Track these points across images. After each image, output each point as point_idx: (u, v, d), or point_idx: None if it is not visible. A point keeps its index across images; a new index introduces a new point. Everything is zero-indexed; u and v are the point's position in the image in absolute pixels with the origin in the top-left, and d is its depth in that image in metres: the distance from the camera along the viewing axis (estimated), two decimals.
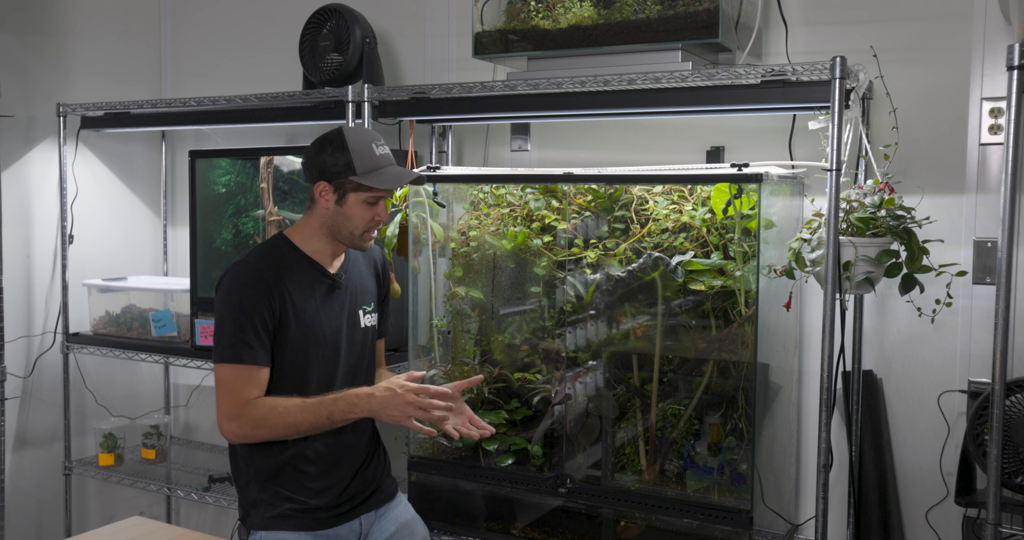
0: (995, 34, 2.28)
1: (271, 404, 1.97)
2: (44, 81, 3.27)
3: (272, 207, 2.87)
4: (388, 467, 2.25)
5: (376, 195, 2.04)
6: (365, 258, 2.23)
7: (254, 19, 3.45)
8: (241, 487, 2.10)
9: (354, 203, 2.03)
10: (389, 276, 2.30)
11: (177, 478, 3.28)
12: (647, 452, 2.38)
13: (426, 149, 2.98)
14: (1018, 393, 2.08)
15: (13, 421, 3.23)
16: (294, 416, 1.96)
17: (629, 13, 2.30)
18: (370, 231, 2.08)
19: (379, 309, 2.24)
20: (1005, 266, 1.92)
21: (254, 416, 1.96)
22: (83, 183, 3.35)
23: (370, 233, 2.08)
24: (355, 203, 2.03)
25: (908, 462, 2.44)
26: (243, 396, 1.97)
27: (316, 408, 1.96)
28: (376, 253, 2.28)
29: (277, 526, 2.05)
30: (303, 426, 1.97)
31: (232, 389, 1.98)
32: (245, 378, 1.98)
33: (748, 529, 2.19)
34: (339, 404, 1.96)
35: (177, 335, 3.12)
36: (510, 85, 2.41)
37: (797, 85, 2.11)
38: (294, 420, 1.96)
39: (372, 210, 2.04)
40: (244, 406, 1.97)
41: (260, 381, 2.00)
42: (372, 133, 2.08)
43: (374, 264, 2.25)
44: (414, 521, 2.22)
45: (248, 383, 1.98)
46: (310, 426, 1.97)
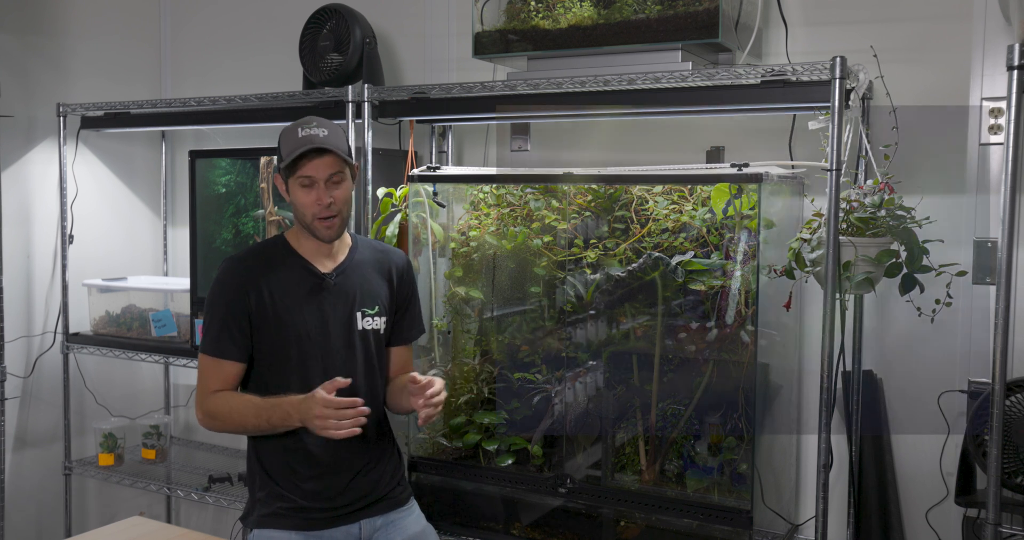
0: (995, 34, 2.28)
1: (226, 400, 2.05)
2: (44, 81, 3.27)
3: (272, 207, 2.87)
4: (400, 474, 2.23)
5: (304, 175, 2.02)
6: (378, 263, 2.20)
7: (254, 19, 3.45)
8: (249, 485, 2.15)
9: (294, 189, 2.05)
10: (411, 286, 2.26)
11: (177, 478, 3.28)
12: (647, 452, 2.38)
13: (426, 149, 2.98)
14: (1018, 393, 2.08)
15: (13, 421, 3.23)
16: (241, 415, 2.02)
17: (629, 13, 2.30)
18: (320, 217, 2.04)
19: (391, 316, 2.20)
20: (1005, 266, 1.92)
21: (210, 408, 2.05)
22: (83, 183, 3.35)
23: (321, 219, 2.04)
24: (295, 189, 2.05)
25: (908, 462, 2.43)
26: (206, 386, 2.06)
27: (258, 411, 2.00)
28: (397, 259, 2.24)
29: (269, 524, 2.07)
30: (248, 426, 2.04)
31: (202, 378, 2.08)
32: (211, 369, 2.06)
33: (748, 529, 2.19)
34: (276, 411, 1.98)
35: (177, 335, 3.12)
36: (510, 85, 2.41)
37: (797, 85, 2.11)
38: (241, 419, 2.02)
39: (312, 194, 2.03)
40: (207, 396, 2.06)
41: (224, 373, 2.06)
42: (309, 118, 2.07)
43: (390, 270, 2.21)
44: (424, 534, 2.19)
45: (212, 374, 2.06)
46: (254, 427, 2.03)
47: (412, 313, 2.26)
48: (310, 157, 2.01)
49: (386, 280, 2.20)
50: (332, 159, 2.03)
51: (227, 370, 2.06)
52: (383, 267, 2.20)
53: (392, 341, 2.22)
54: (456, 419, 2.57)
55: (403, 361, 2.25)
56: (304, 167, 2.01)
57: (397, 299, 2.22)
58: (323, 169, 2.02)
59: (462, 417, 2.57)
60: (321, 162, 2.02)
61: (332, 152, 2.02)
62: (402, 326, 2.24)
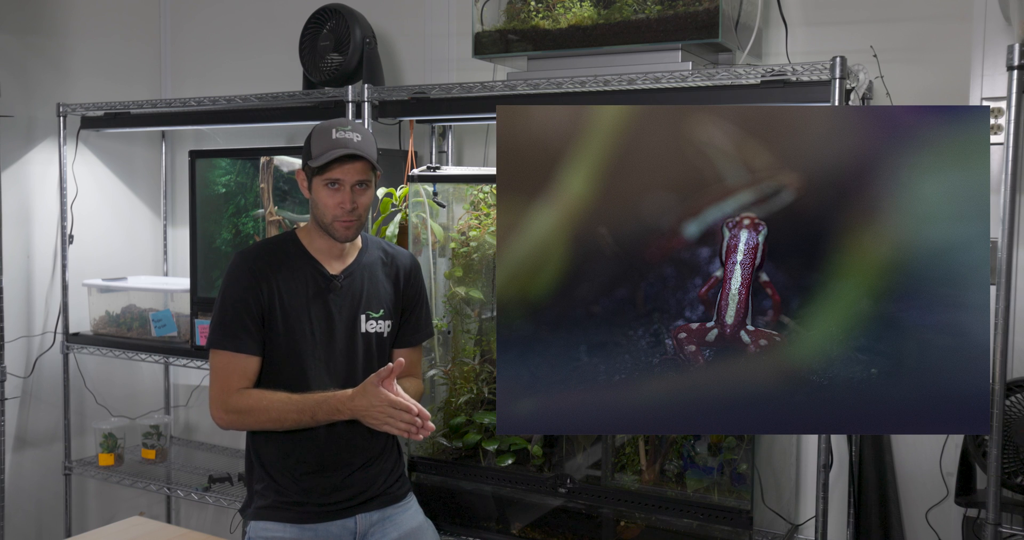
0: (995, 34, 2.28)
1: (258, 396, 2.01)
2: (44, 81, 3.27)
3: (272, 207, 2.87)
4: (400, 471, 2.23)
5: (331, 177, 2.02)
6: (387, 266, 2.19)
7: (254, 19, 3.45)
8: (248, 477, 2.15)
9: (318, 188, 2.05)
10: (418, 288, 2.26)
11: (177, 478, 3.28)
12: (647, 452, 2.38)
13: (426, 149, 2.98)
14: (1018, 393, 2.08)
15: (13, 421, 3.23)
16: (279, 411, 1.99)
17: (629, 13, 2.30)
18: (340, 219, 2.04)
19: (396, 318, 2.20)
20: (1005, 266, 1.92)
21: (239, 406, 2.01)
22: (83, 183, 3.35)
23: (341, 221, 2.04)
24: (318, 188, 2.05)
25: (908, 462, 2.44)
26: (228, 384, 2.02)
27: (301, 406, 1.99)
28: (405, 262, 2.24)
29: (265, 516, 2.08)
30: (287, 422, 2.00)
31: (219, 375, 2.04)
32: (230, 365, 2.03)
33: (748, 529, 2.19)
34: (323, 407, 1.98)
35: (177, 335, 3.12)
36: (510, 85, 2.41)
37: (797, 85, 2.11)
38: (279, 415, 1.99)
39: (336, 195, 2.03)
40: (230, 394, 2.02)
41: (245, 369, 2.03)
42: (343, 120, 2.10)
43: (397, 272, 2.21)
44: (420, 529, 2.19)
45: (233, 370, 2.03)
46: (294, 423, 2.00)
47: (418, 316, 2.25)
48: (342, 161, 2.01)
49: (392, 282, 2.19)
50: (363, 165, 2.04)
51: (247, 365, 2.03)
52: (391, 269, 2.20)
53: (396, 343, 2.22)
54: (456, 419, 2.57)
55: (409, 363, 2.22)
56: (334, 170, 2.02)
57: (403, 301, 2.21)
58: (352, 174, 2.03)
59: (462, 417, 2.57)
60: (352, 167, 2.02)
61: (364, 159, 2.03)
62: (407, 329, 2.23)
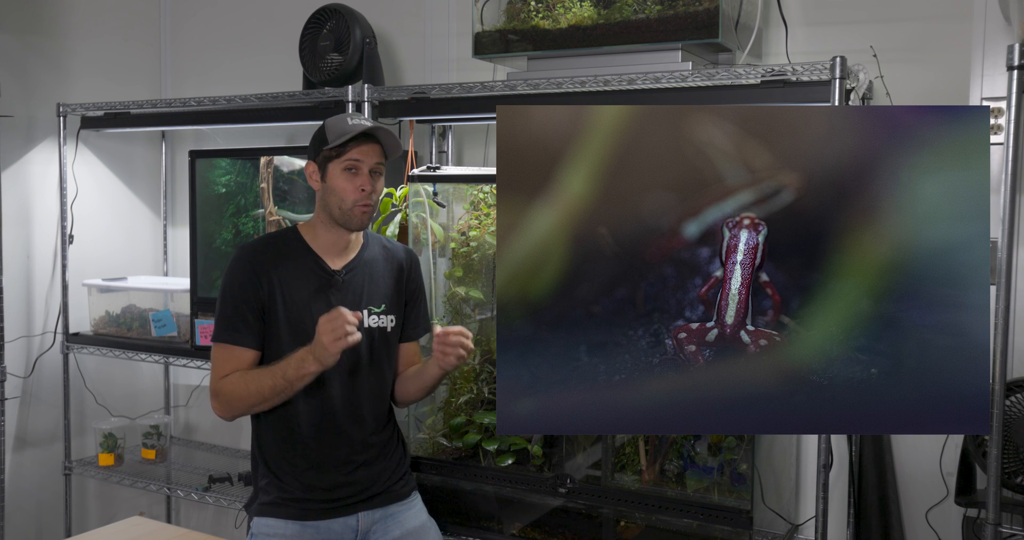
0: (995, 34, 2.28)
1: (238, 376, 2.02)
2: (44, 81, 3.27)
3: (272, 207, 2.87)
4: (404, 469, 2.24)
5: (351, 161, 2.04)
6: (387, 260, 2.20)
7: (254, 19, 3.45)
8: (252, 473, 2.16)
9: (335, 174, 2.05)
10: (418, 282, 2.27)
11: (177, 478, 3.28)
12: (647, 452, 2.38)
13: (426, 149, 2.98)
14: (1018, 393, 2.08)
15: (13, 421, 3.23)
16: (257, 383, 1.99)
17: (629, 13, 2.30)
18: (360, 203, 2.05)
19: (399, 313, 2.21)
20: (1005, 266, 1.92)
21: (227, 391, 2.02)
22: (83, 183, 3.35)
23: (361, 206, 2.06)
24: (335, 174, 2.05)
25: (908, 462, 2.44)
26: (219, 375, 2.04)
27: (271, 372, 1.98)
28: (404, 256, 2.25)
29: (267, 513, 2.08)
30: (265, 390, 1.98)
31: (215, 367, 2.05)
32: (227, 357, 2.04)
33: (748, 529, 2.19)
34: (290, 363, 1.96)
35: (177, 335, 3.12)
36: (510, 85, 2.41)
37: (797, 85, 2.11)
38: (256, 387, 1.99)
39: (355, 180, 2.05)
40: (219, 383, 2.03)
41: (242, 362, 2.04)
42: (357, 113, 2.13)
43: (399, 266, 2.22)
44: (423, 528, 2.20)
45: (228, 362, 2.04)
46: (271, 389, 1.97)
47: (418, 310, 2.27)
48: (359, 142, 2.04)
49: (394, 277, 2.21)
50: (379, 149, 2.08)
51: (242, 357, 2.04)
52: (391, 264, 2.21)
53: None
54: (456, 419, 2.57)
55: (410, 356, 2.26)
56: (352, 150, 2.04)
57: (405, 295, 2.23)
58: (371, 156, 2.06)
59: (462, 417, 2.57)
60: (370, 149, 2.06)
61: (379, 143, 2.07)
62: (408, 323, 2.24)
